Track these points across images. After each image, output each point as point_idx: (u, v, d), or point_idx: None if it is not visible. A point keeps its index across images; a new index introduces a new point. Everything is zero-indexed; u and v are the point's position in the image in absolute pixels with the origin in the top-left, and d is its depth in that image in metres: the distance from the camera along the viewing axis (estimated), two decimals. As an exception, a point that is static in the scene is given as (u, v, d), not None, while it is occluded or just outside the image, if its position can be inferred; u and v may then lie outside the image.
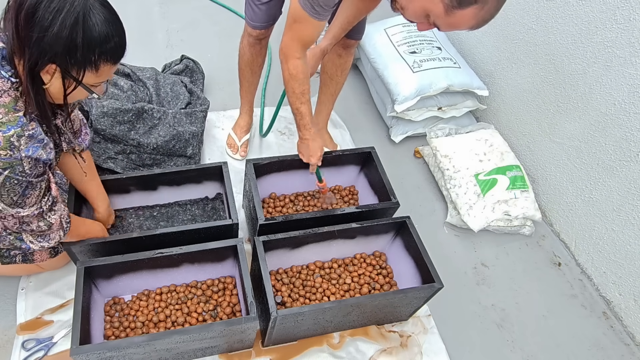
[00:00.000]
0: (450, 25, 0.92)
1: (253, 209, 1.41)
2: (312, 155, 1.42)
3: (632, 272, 1.55)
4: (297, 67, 1.24)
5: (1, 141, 0.85)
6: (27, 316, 1.35)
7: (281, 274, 1.46)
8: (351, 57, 1.64)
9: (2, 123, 0.86)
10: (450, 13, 0.88)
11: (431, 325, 1.49)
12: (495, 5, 0.88)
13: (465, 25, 0.91)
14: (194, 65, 2.09)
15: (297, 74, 1.25)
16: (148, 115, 1.64)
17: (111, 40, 0.88)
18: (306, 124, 1.36)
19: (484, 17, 0.89)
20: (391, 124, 2.04)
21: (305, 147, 1.42)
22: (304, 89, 1.29)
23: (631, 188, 1.51)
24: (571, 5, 1.60)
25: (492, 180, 1.74)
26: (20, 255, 1.28)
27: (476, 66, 2.13)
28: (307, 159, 1.45)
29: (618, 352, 1.54)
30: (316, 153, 1.42)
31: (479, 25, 0.92)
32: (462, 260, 1.71)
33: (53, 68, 0.87)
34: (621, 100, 1.49)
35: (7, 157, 0.87)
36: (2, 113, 0.86)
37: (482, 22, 0.91)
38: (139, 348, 1.09)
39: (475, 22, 0.90)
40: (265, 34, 1.57)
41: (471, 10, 0.87)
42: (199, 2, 2.60)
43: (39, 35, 0.81)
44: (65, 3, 0.81)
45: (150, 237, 1.30)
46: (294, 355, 1.37)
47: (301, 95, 1.30)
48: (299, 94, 1.29)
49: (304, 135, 1.39)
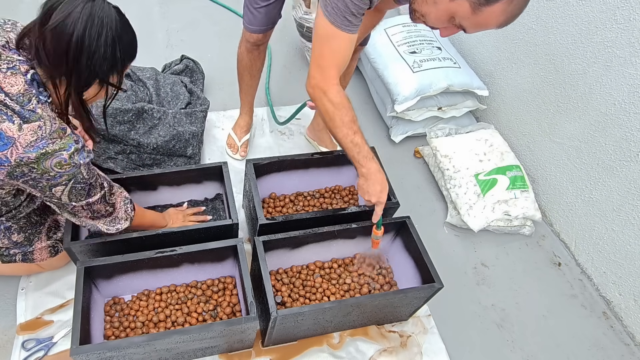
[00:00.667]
0: (478, 24, 0.88)
1: (253, 209, 1.40)
2: (383, 190, 1.19)
3: (632, 272, 1.55)
4: (339, 94, 1.10)
5: (67, 159, 0.94)
6: (27, 316, 1.35)
7: (281, 274, 1.46)
8: (355, 62, 1.63)
9: (63, 144, 0.94)
10: (478, 11, 0.85)
11: (431, 325, 1.49)
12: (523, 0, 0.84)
13: (493, 23, 0.87)
14: (194, 65, 2.09)
15: (341, 101, 1.10)
16: (148, 115, 1.64)
17: (135, 44, 1.01)
18: (367, 154, 1.16)
19: (512, 12, 0.85)
20: (391, 124, 2.04)
21: (373, 183, 1.17)
22: (353, 116, 1.13)
23: (631, 188, 1.51)
24: (571, 5, 1.60)
25: (492, 180, 1.74)
26: (20, 254, 1.28)
27: (476, 66, 2.13)
28: (377, 197, 1.18)
29: (618, 352, 1.54)
30: (386, 187, 1.20)
31: (508, 22, 0.88)
32: (462, 260, 1.71)
33: (96, 82, 0.97)
34: (621, 100, 1.49)
35: (70, 169, 0.96)
36: (58, 137, 0.93)
37: (511, 18, 0.87)
38: (139, 348, 1.09)
39: (504, 19, 0.86)
40: (264, 40, 1.55)
41: (500, 5, 0.83)
42: (199, 2, 2.60)
43: (87, 61, 0.90)
44: (102, 26, 0.90)
45: (150, 237, 1.30)
46: (294, 355, 1.37)
47: (352, 124, 1.13)
48: (349, 122, 1.12)
49: (369, 166, 1.16)
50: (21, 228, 1.24)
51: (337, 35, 1.03)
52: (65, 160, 0.94)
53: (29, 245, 1.28)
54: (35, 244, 1.29)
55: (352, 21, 1.02)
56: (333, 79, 1.08)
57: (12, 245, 1.25)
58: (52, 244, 1.33)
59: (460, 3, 0.86)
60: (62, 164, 0.94)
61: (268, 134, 2.00)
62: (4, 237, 1.22)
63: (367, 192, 1.20)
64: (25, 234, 1.26)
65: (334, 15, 1.01)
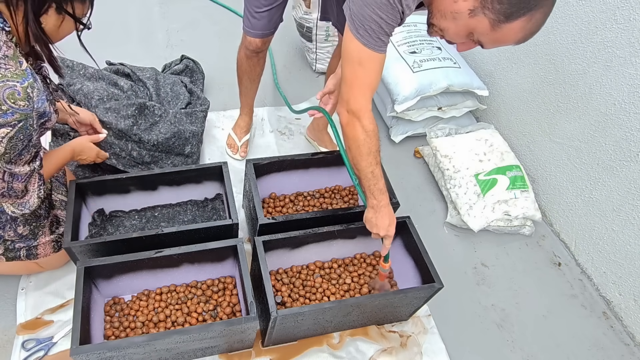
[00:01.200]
0: (496, 40, 0.88)
1: (253, 209, 1.40)
2: (391, 224, 1.19)
3: (632, 272, 1.55)
4: (372, 122, 1.07)
5: (20, 92, 0.87)
6: (27, 316, 1.35)
7: (281, 274, 1.46)
8: None
9: (16, 75, 0.87)
10: (497, 28, 0.85)
11: (431, 325, 1.49)
12: (542, 16, 0.84)
13: (512, 39, 0.88)
14: (194, 65, 2.09)
15: (374, 130, 1.07)
16: (150, 111, 1.64)
17: None
18: (382, 187, 1.14)
19: (531, 30, 0.86)
20: (391, 124, 2.04)
21: (382, 216, 1.17)
22: (379, 146, 1.11)
23: (631, 188, 1.51)
24: (571, 5, 1.60)
25: (492, 180, 1.74)
26: (25, 249, 1.28)
27: (476, 66, 2.13)
28: (385, 231, 1.19)
29: (618, 352, 1.54)
30: (394, 221, 1.19)
31: (526, 39, 0.88)
32: (462, 260, 1.71)
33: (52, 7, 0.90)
34: (621, 100, 1.49)
35: (25, 107, 0.88)
36: (12, 65, 0.88)
37: (529, 35, 0.87)
38: (139, 348, 1.09)
39: (523, 35, 0.87)
40: (263, 47, 1.53)
41: (519, 22, 0.83)
42: (199, 2, 2.60)
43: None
44: None
45: (150, 237, 1.30)
46: (294, 355, 1.37)
47: (377, 154, 1.11)
48: (376, 152, 1.10)
49: (380, 201, 1.15)
50: (27, 220, 1.25)
51: (372, 57, 1.01)
52: (19, 94, 0.87)
53: (33, 239, 1.28)
54: (40, 238, 1.30)
55: (384, 41, 1.01)
56: (368, 104, 1.06)
57: (17, 238, 1.25)
58: (55, 238, 1.34)
59: (479, 19, 0.85)
60: (16, 97, 0.87)
61: (268, 134, 2.00)
62: (10, 229, 1.22)
63: (375, 225, 1.19)
64: (30, 227, 1.26)
65: (367, 37, 0.99)
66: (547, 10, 0.84)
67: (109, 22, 2.40)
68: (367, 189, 1.15)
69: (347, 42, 1.02)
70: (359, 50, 1.00)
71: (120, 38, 2.33)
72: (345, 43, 1.03)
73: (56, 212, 1.36)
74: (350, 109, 1.06)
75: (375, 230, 1.20)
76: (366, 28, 0.98)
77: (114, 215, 1.53)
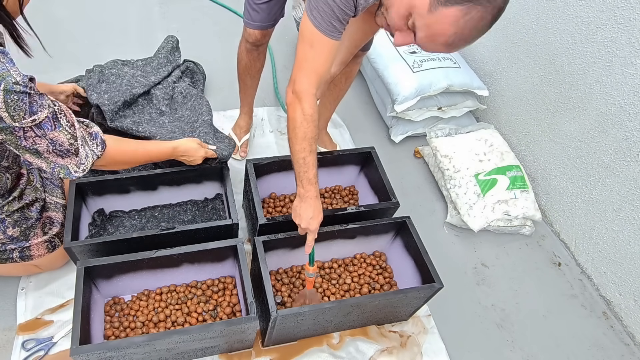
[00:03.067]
0: (429, 27, 0.87)
1: (253, 209, 1.41)
2: (315, 218, 1.14)
3: (632, 272, 1.55)
4: (313, 106, 1.08)
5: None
6: (27, 316, 1.35)
7: (281, 274, 1.46)
8: (357, 66, 1.61)
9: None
10: (434, 10, 0.84)
11: (431, 325, 1.49)
12: (479, 18, 0.83)
13: (442, 31, 0.86)
14: (194, 66, 2.09)
15: (312, 114, 1.08)
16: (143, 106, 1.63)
17: None
18: (312, 177, 1.12)
19: (463, 30, 0.85)
20: (391, 124, 2.04)
21: (307, 207, 1.13)
22: (315, 134, 1.10)
23: (631, 188, 1.51)
24: (571, 5, 1.60)
25: (492, 180, 1.74)
26: (17, 250, 1.27)
27: (476, 66, 2.13)
28: (306, 223, 1.14)
29: (618, 352, 1.54)
30: (319, 217, 1.14)
31: (455, 41, 0.87)
32: (462, 260, 1.71)
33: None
34: (621, 100, 1.49)
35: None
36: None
37: (459, 37, 0.86)
38: (139, 348, 1.09)
39: (454, 32, 0.85)
40: (263, 40, 1.53)
41: (454, 11, 0.83)
42: (199, 2, 2.60)
43: None
44: None
45: (150, 237, 1.30)
46: (294, 355, 1.37)
47: (312, 141, 1.10)
48: (311, 138, 1.09)
49: (308, 192, 1.12)
50: (15, 222, 1.24)
51: (323, 41, 1.03)
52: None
53: (25, 240, 1.27)
54: (32, 239, 1.29)
55: (336, 27, 1.02)
56: (312, 87, 1.07)
57: (8, 240, 1.24)
58: (49, 239, 1.33)
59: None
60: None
61: (268, 134, 2.00)
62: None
63: (298, 215, 1.15)
64: (21, 228, 1.25)
65: (320, 19, 1.01)
66: (485, 13, 0.83)
67: (109, 22, 2.40)
68: (297, 176, 1.13)
69: (303, 21, 1.04)
70: (311, 32, 1.02)
71: (120, 38, 2.33)
72: (301, 23, 1.05)
73: (50, 214, 1.35)
74: (294, 89, 1.08)
75: (297, 221, 1.16)
76: (319, 10, 1.00)
77: (114, 215, 1.53)
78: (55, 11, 2.40)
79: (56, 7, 2.43)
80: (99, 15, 2.44)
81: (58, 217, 1.36)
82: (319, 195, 1.13)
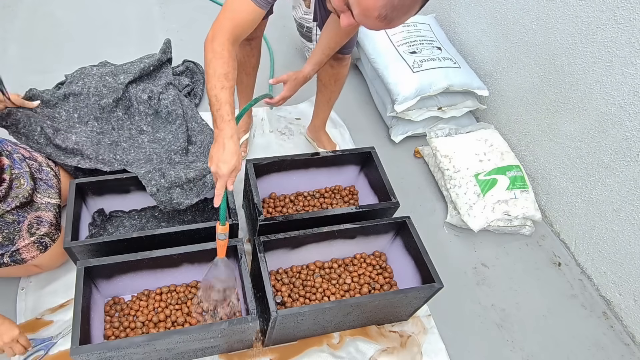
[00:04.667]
0: (359, 2, 0.86)
1: (253, 209, 1.41)
2: (226, 162, 1.00)
3: (632, 272, 1.55)
4: (222, 45, 1.05)
5: None
6: (27, 316, 1.35)
7: (281, 274, 1.46)
8: (344, 69, 1.61)
9: None
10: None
11: (431, 325, 1.49)
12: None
13: (373, 6, 0.84)
14: (194, 66, 2.09)
15: (221, 52, 1.04)
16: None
17: None
18: (226, 115, 1.02)
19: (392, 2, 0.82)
20: (391, 124, 2.04)
21: (218, 149, 1.01)
22: (228, 72, 1.04)
23: (631, 188, 1.51)
24: (571, 5, 1.60)
25: (492, 180, 1.74)
26: (8, 255, 1.26)
27: (476, 66, 2.13)
28: (215, 166, 1.01)
29: (618, 352, 1.54)
30: (232, 161, 1.01)
31: (389, 14, 0.84)
32: (462, 260, 1.71)
33: None
34: (621, 100, 1.49)
35: None
36: None
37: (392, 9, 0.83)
38: (139, 348, 1.09)
39: (383, 3, 0.83)
40: (255, 34, 1.52)
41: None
42: (199, 2, 2.60)
43: None
44: None
45: (150, 237, 1.30)
46: (294, 355, 1.37)
47: (224, 78, 1.03)
48: (221, 75, 1.03)
49: (222, 128, 1.02)
50: None
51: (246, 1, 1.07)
52: None
53: (11, 244, 1.25)
54: (18, 242, 1.26)
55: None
56: (225, 33, 1.06)
57: None
58: (37, 239, 1.30)
59: None
60: None
61: (268, 134, 2.00)
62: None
63: (211, 157, 1.03)
64: (3, 234, 1.23)
65: None
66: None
67: (108, 22, 2.40)
68: (212, 115, 1.05)
69: None
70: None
71: (120, 38, 2.33)
72: None
73: (39, 214, 1.32)
74: (211, 30, 1.08)
75: (209, 163, 1.04)
76: None
77: (114, 215, 1.53)
78: (55, 11, 2.40)
79: (56, 7, 2.43)
80: (99, 15, 2.44)
81: (47, 216, 1.34)
82: (236, 138, 1.03)
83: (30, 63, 2.08)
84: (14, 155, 1.33)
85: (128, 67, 1.78)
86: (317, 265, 1.49)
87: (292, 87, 1.41)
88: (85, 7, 2.46)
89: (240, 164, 1.03)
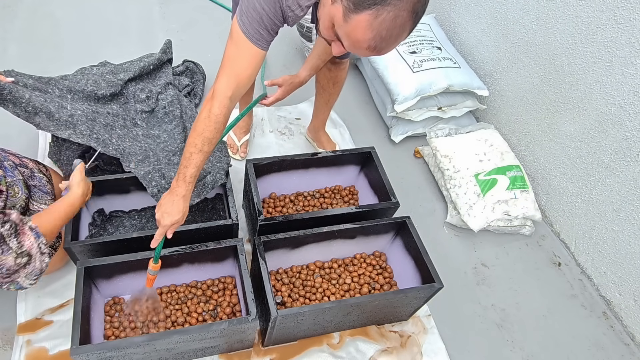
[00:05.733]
0: (349, 36, 0.87)
1: (253, 209, 1.41)
2: (171, 214, 1.10)
3: (632, 272, 1.55)
4: (222, 108, 1.06)
5: None
6: (27, 316, 1.35)
7: (281, 274, 1.46)
8: (343, 72, 1.60)
9: None
10: (348, 19, 0.84)
11: (431, 325, 1.49)
12: (392, 19, 0.82)
13: (362, 38, 0.85)
14: (194, 66, 2.09)
15: (217, 115, 1.06)
16: None
17: None
18: (188, 176, 1.10)
19: (379, 31, 0.83)
20: (391, 124, 2.04)
21: (170, 202, 1.11)
22: (212, 138, 1.08)
23: (631, 188, 1.51)
24: (571, 5, 1.60)
25: (492, 180, 1.74)
26: None
27: (476, 66, 2.13)
28: (160, 215, 1.11)
29: (618, 352, 1.54)
30: (176, 216, 1.11)
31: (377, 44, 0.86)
32: (462, 260, 1.71)
33: None
34: (621, 100, 1.49)
35: None
36: None
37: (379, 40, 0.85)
38: (139, 348, 1.09)
39: (372, 36, 0.84)
40: None
41: (366, 16, 0.82)
42: (199, 2, 2.60)
43: None
44: None
45: (151, 237, 1.29)
46: (294, 355, 1.37)
47: (206, 142, 1.07)
48: (206, 139, 1.07)
49: (179, 187, 1.10)
50: None
51: (248, 47, 1.04)
52: None
53: None
54: None
55: (263, 35, 1.03)
56: (229, 90, 1.06)
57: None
58: None
59: (337, 7, 0.86)
60: None
61: (268, 134, 2.00)
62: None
63: (160, 206, 1.13)
64: None
65: (248, 25, 1.01)
66: (399, 11, 0.81)
67: (108, 22, 2.40)
68: (179, 169, 1.11)
69: (233, 23, 1.05)
70: (238, 35, 1.03)
71: (120, 38, 2.33)
72: (232, 25, 1.05)
73: None
74: (214, 86, 1.07)
75: (157, 210, 1.13)
76: (248, 15, 1.01)
77: (114, 215, 1.53)
78: (55, 11, 2.40)
79: (56, 7, 2.43)
80: (99, 15, 2.44)
81: None
82: (188, 198, 1.12)
83: (30, 63, 2.07)
84: (5, 163, 1.28)
85: (128, 66, 1.78)
86: (317, 265, 1.49)
87: (286, 91, 1.41)
88: (85, 7, 2.46)
89: (182, 220, 1.14)
